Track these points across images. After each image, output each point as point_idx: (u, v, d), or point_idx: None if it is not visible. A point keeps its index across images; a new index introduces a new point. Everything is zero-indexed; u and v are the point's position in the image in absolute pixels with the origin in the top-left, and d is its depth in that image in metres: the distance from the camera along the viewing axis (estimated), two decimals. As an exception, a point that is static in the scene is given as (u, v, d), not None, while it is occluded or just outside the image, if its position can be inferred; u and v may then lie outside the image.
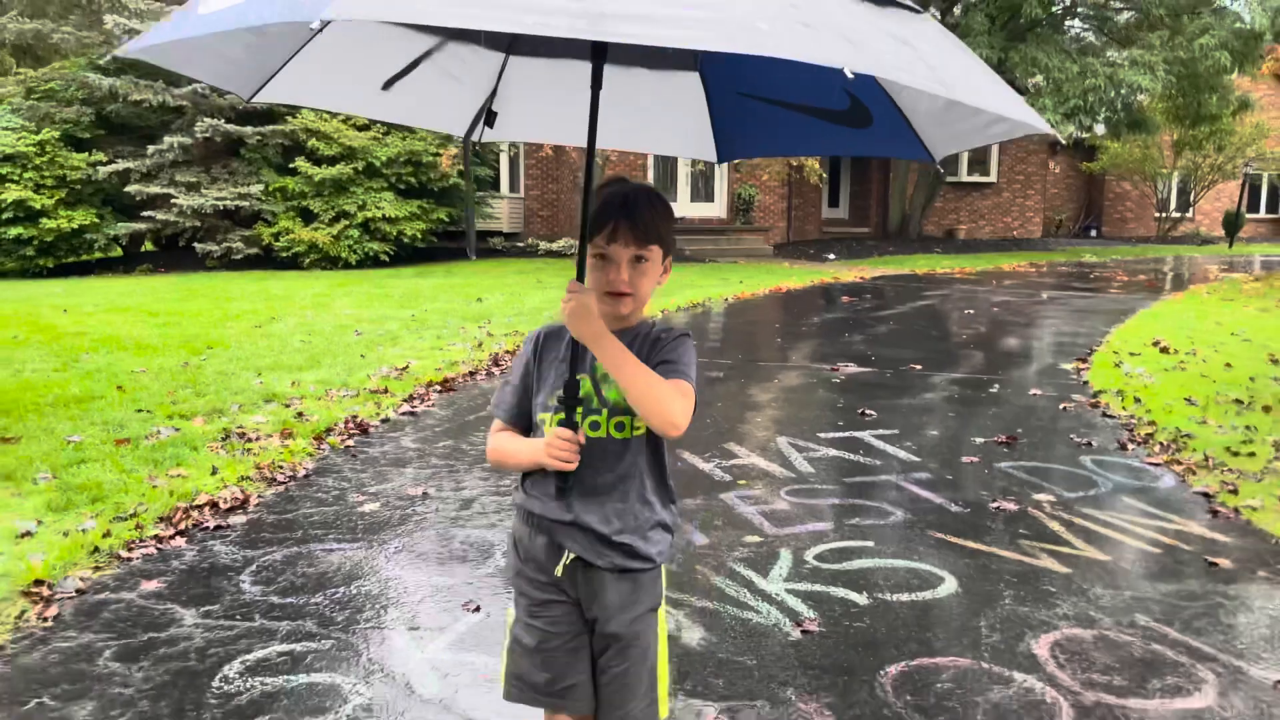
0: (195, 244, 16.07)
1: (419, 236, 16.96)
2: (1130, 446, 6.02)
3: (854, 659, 3.24)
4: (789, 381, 8.05)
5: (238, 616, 3.48)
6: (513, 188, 23.44)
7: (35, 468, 4.95)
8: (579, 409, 1.90)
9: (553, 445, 1.85)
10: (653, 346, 1.94)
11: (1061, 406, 7.05)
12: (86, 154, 15.91)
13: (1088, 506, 4.87)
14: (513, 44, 2.38)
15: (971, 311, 12.63)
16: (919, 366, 8.54)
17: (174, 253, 16.60)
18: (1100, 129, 23.26)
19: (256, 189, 16.08)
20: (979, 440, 6.10)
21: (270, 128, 16.36)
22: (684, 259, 19.07)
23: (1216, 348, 9.19)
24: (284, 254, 16.18)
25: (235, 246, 15.99)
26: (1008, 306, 13.24)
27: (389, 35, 2.16)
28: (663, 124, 2.57)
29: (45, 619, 3.44)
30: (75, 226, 15.45)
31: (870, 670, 3.16)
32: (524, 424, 2.02)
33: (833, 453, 5.80)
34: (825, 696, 2.99)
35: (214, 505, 4.55)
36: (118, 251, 16.30)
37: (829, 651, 3.29)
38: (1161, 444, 6.03)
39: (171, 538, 4.21)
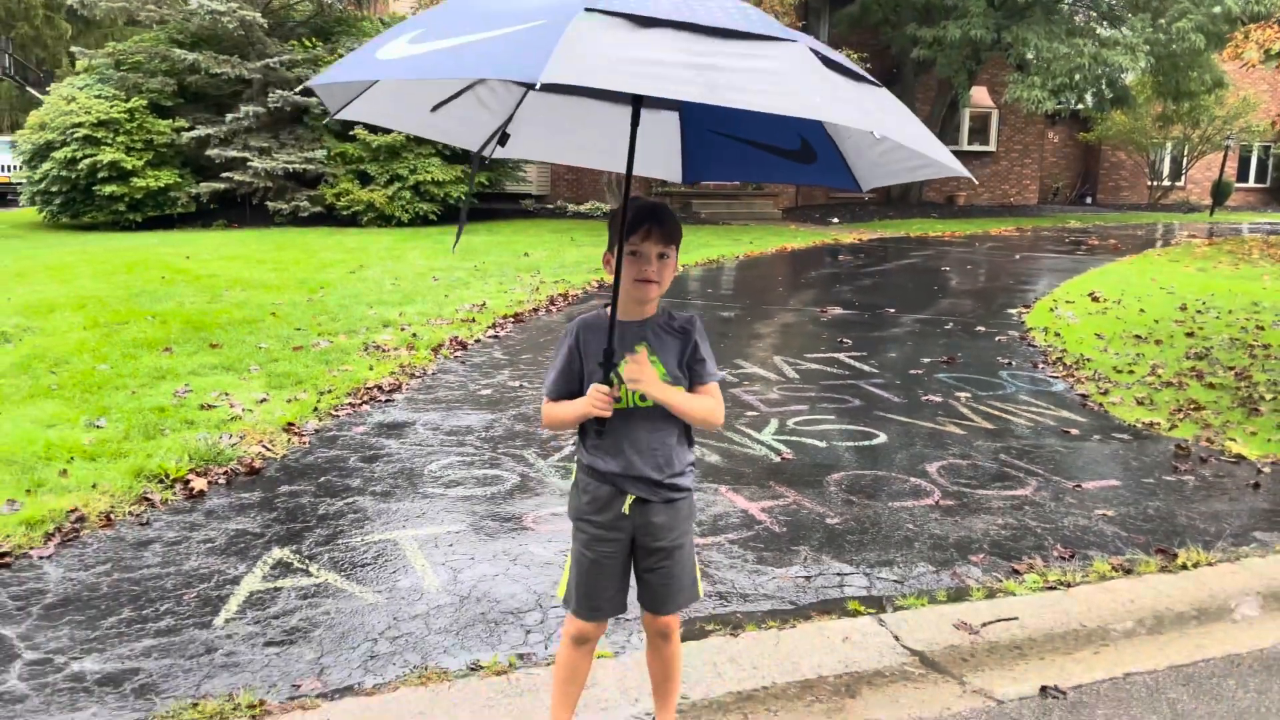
0: (267, 202, 18.02)
1: (463, 198, 18.88)
2: (1040, 366, 8.00)
3: (812, 472, 5.24)
4: (786, 320, 10.03)
5: (421, 444, 5.50)
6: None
7: (246, 363, 6.98)
8: (624, 387, 2.37)
9: (593, 398, 2.33)
10: (683, 338, 2.45)
11: (997, 339, 9.04)
12: (170, 120, 17.84)
13: (993, 400, 6.86)
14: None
15: (948, 268, 14.57)
16: (892, 310, 10.53)
17: (243, 209, 18.54)
18: (1088, 104, 24.84)
19: (320, 154, 18.01)
20: (926, 360, 8.09)
21: (331, 98, 18.25)
22: (699, 221, 20.96)
23: (1141, 298, 11.13)
24: (344, 212, 18.13)
25: (302, 205, 17.96)
26: (981, 264, 15.17)
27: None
28: (641, 150, 2.76)
29: (304, 443, 5.47)
30: (161, 185, 17.42)
31: (821, 476, 5.16)
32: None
33: (814, 366, 7.80)
34: (793, 487, 4.99)
35: (379, 388, 6.57)
36: (193, 208, 18.23)
37: (797, 468, 5.30)
38: (1065, 365, 8.00)
39: (359, 405, 6.24)
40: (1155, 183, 33.31)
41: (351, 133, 18.34)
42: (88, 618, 3.39)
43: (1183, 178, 33.99)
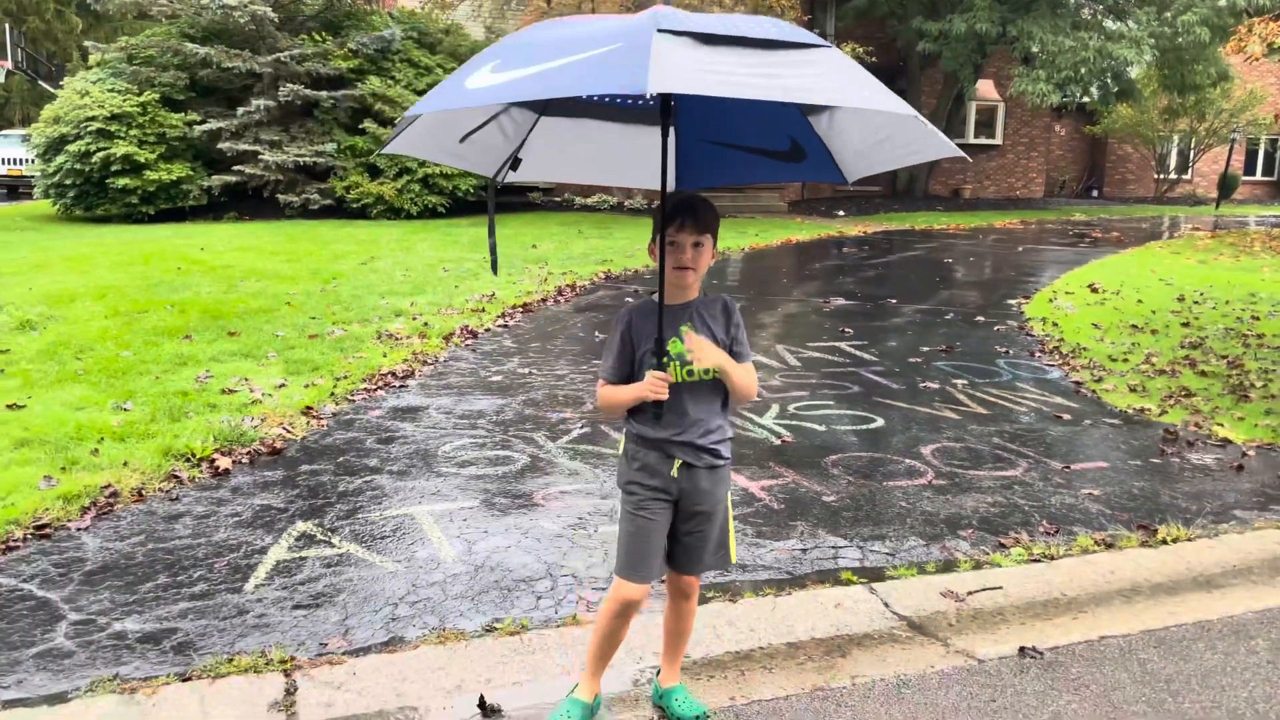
0: (278, 195, 18.24)
1: (470, 191, 19.07)
2: (1037, 354, 8.19)
3: (811, 454, 5.44)
4: (789, 310, 10.23)
5: (435, 427, 5.71)
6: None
7: (264, 350, 7.20)
8: (675, 363, 2.60)
9: (650, 383, 2.55)
10: (727, 318, 2.68)
11: (996, 329, 9.22)
12: (182, 114, 18.07)
13: (990, 387, 7.05)
14: (546, 108, 2.94)
15: (951, 260, 14.75)
16: (894, 301, 10.71)
17: (254, 202, 18.75)
18: (1094, 97, 24.93)
19: (330, 147, 18.21)
20: (925, 349, 8.28)
21: (342, 92, 18.44)
22: (706, 213, 21.09)
23: (1139, 289, 11.29)
24: (354, 205, 18.34)
25: (312, 198, 18.17)
26: (985, 256, 15.33)
27: (478, 109, 2.76)
28: (633, 164, 3.13)
29: (322, 425, 5.69)
30: (174, 178, 17.64)
31: (820, 457, 5.36)
32: (628, 382, 2.67)
33: (816, 355, 7.99)
34: (792, 468, 5.19)
35: (393, 374, 6.79)
36: (205, 201, 18.44)
37: (797, 450, 5.50)
38: (1061, 354, 8.18)
39: (374, 391, 6.46)
40: (1161, 176, 33.35)
41: (361, 126, 18.55)
42: (126, 583, 3.61)
43: (1189, 171, 34.03)
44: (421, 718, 2.85)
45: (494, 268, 3.13)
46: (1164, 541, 4.29)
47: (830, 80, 2.26)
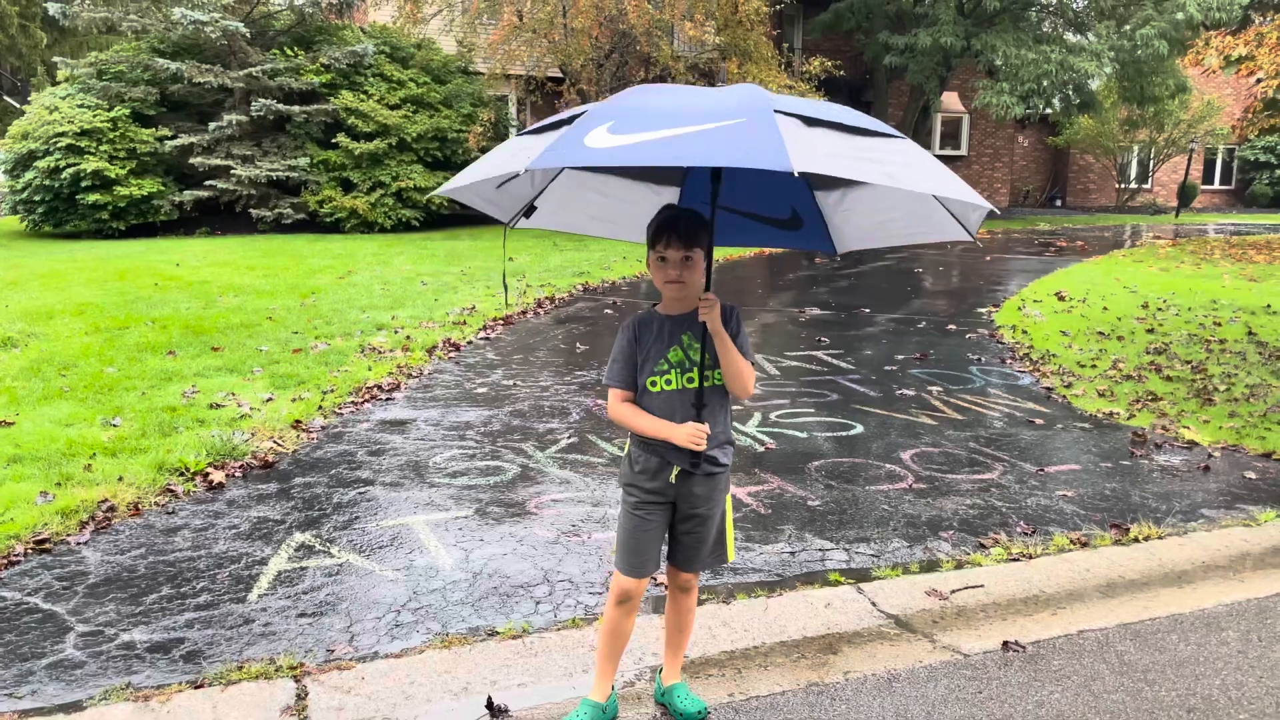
0: (250, 209, 18.21)
1: (444, 205, 19.13)
2: (1008, 361, 8.39)
3: (794, 460, 5.58)
4: (766, 320, 10.39)
5: (424, 439, 5.79)
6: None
7: (248, 365, 7.24)
8: (674, 371, 2.71)
9: (691, 433, 2.64)
10: (727, 323, 2.67)
11: (967, 336, 9.43)
12: (153, 129, 18.00)
13: (963, 393, 7.23)
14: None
15: (921, 270, 15.01)
16: (868, 310, 10.91)
17: (226, 217, 18.70)
18: (1056, 109, 25.44)
19: (302, 161, 18.22)
20: (900, 357, 8.45)
21: (314, 107, 18.46)
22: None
23: (1105, 297, 11.57)
24: (327, 219, 18.35)
25: (285, 212, 18.16)
26: (953, 266, 15.61)
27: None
28: (640, 220, 3.01)
29: (312, 439, 5.75)
30: (145, 194, 17.57)
31: (803, 463, 5.50)
32: (633, 388, 2.78)
33: (794, 364, 8.15)
34: (776, 474, 5.32)
35: (379, 387, 6.86)
36: (176, 216, 18.37)
37: (780, 457, 5.63)
38: (1031, 360, 8.39)
39: (361, 404, 6.52)
40: (1123, 185, 34.03)
41: (334, 140, 18.57)
42: (130, 595, 3.67)
43: (1149, 180, 34.75)
44: (431, 719, 2.94)
45: (505, 299, 3.18)
46: (1136, 540, 4.46)
47: (917, 170, 2.42)
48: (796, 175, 2.05)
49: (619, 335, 2.81)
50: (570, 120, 2.42)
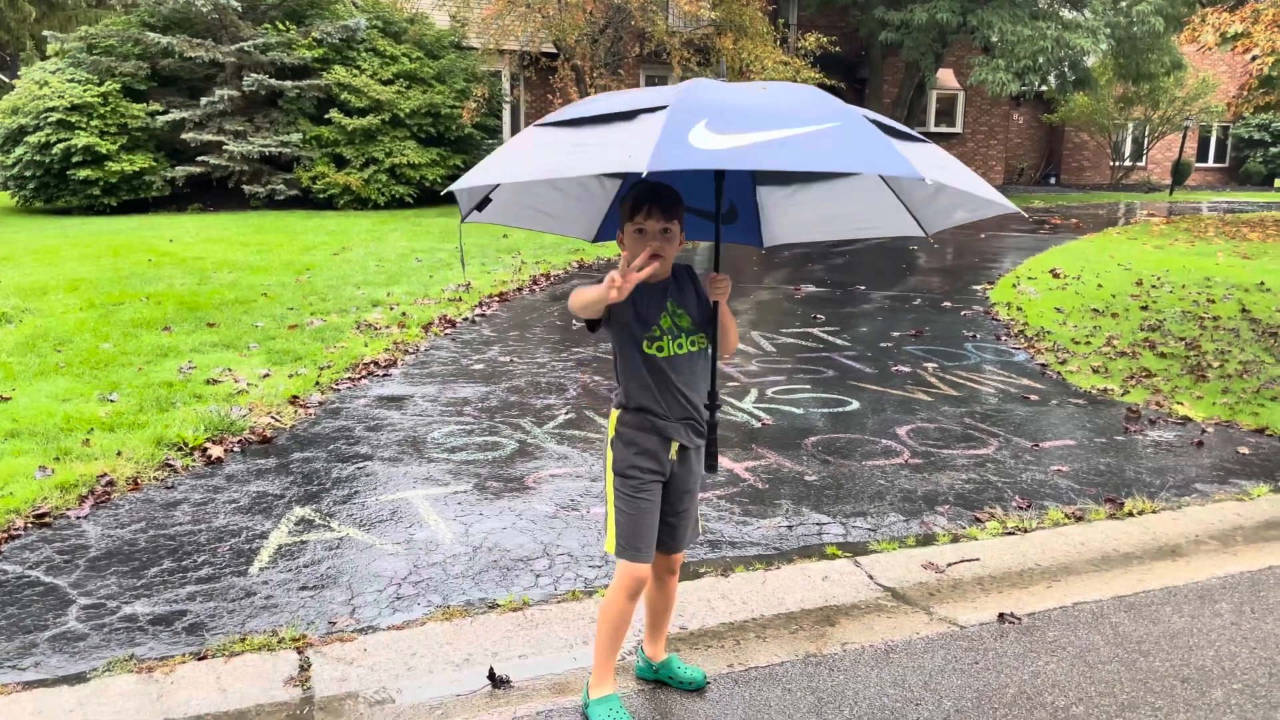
0: (243, 185, 18.11)
1: (438, 180, 19.05)
2: (1003, 338, 8.42)
3: (791, 435, 5.60)
4: (761, 298, 10.39)
5: (422, 415, 5.80)
6: (514, 133, 25.43)
7: (244, 341, 7.23)
8: (666, 336, 2.70)
9: (612, 278, 2.48)
10: (694, 280, 2.77)
11: (963, 313, 9.45)
12: (144, 104, 17.86)
13: (959, 369, 7.26)
14: None
15: (916, 247, 15.01)
16: (863, 287, 10.93)
17: (218, 193, 18.60)
18: (1052, 86, 25.37)
19: (295, 137, 18.10)
20: (896, 334, 8.48)
21: (307, 82, 18.33)
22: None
23: (1099, 274, 11.60)
24: (320, 195, 18.27)
25: (278, 188, 18.07)
26: (948, 243, 15.61)
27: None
28: (575, 215, 3.13)
29: (310, 414, 5.75)
30: (136, 169, 17.45)
31: (798, 439, 5.52)
32: (597, 321, 2.71)
33: (790, 340, 8.16)
34: (773, 449, 5.34)
35: (376, 363, 6.86)
36: (168, 192, 18.26)
37: (776, 432, 5.65)
38: (1026, 337, 8.42)
39: (358, 380, 6.52)
40: (1117, 163, 33.99)
41: (327, 116, 18.46)
42: (131, 568, 3.68)
43: (1144, 158, 34.71)
44: (433, 690, 2.96)
45: (464, 272, 3.04)
46: (1130, 514, 4.49)
47: (952, 172, 2.42)
48: (929, 182, 2.09)
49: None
50: (631, 115, 2.31)
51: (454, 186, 2.61)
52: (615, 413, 2.79)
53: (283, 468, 4.82)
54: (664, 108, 2.25)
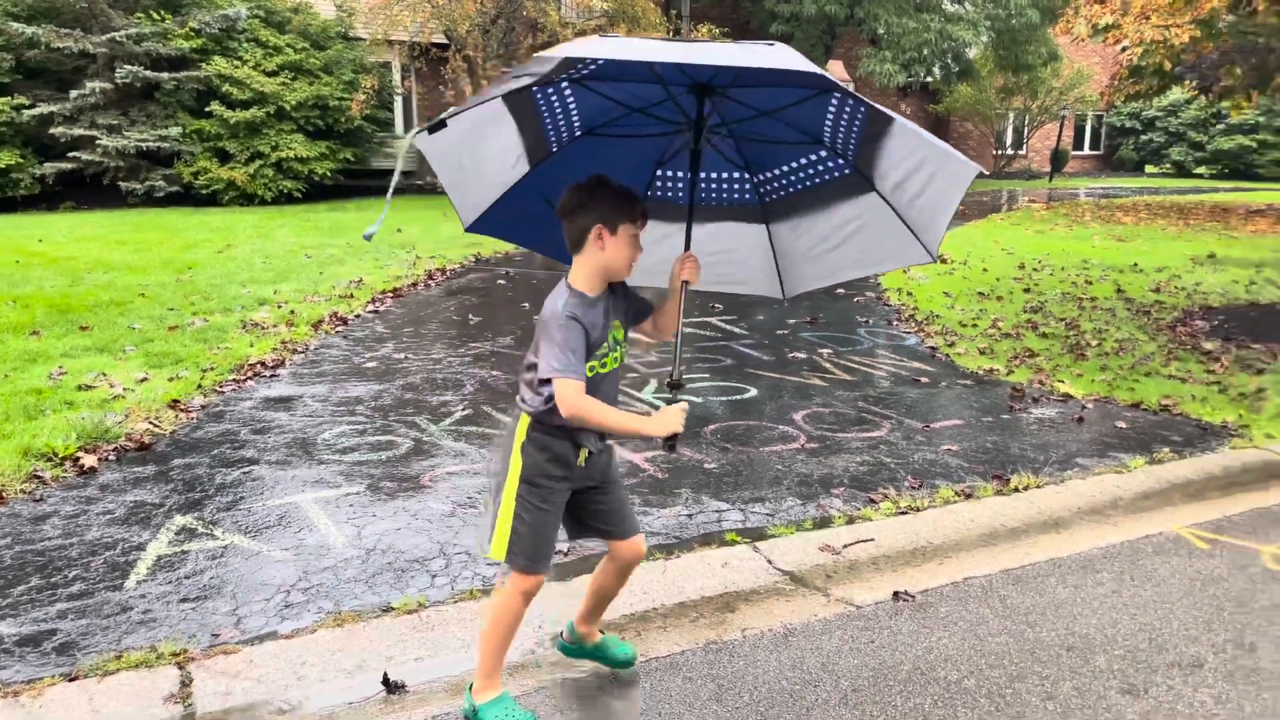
0: (119, 182, 17.31)
1: (328, 175, 18.57)
2: (895, 323, 8.61)
3: (690, 424, 5.58)
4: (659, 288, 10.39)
5: (312, 416, 5.62)
6: (407, 128, 24.94)
7: (120, 344, 6.90)
8: (610, 355, 2.65)
9: (675, 417, 2.53)
10: (622, 288, 2.71)
11: (856, 300, 9.64)
12: (9, 98, 16.90)
13: (853, 354, 7.39)
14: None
15: (811, 236, 15.25)
16: (760, 275, 11.03)
17: (93, 190, 17.75)
18: (937, 77, 26.10)
19: (174, 131, 17.39)
20: (791, 321, 8.59)
21: (185, 74, 17.62)
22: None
23: (984, 259, 11.98)
24: (203, 191, 17.60)
25: (157, 185, 17.33)
26: (843, 232, 15.92)
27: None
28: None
29: (192, 418, 5.52)
30: (2, 166, 16.52)
31: (699, 427, 5.54)
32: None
33: (689, 330, 8.19)
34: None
35: (262, 364, 6.62)
36: (37, 190, 17.34)
37: (676, 421, 5.65)
38: (916, 321, 8.63)
39: (244, 381, 6.28)
40: (1000, 151, 35.22)
41: (208, 109, 17.78)
42: (-5, 588, 3.45)
43: (1024, 146, 36.04)
44: (325, 699, 2.86)
45: (370, 232, 2.75)
46: (1016, 490, 4.63)
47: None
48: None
49: (562, 323, 2.50)
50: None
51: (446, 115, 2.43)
52: (526, 419, 2.65)
53: (162, 475, 4.60)
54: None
